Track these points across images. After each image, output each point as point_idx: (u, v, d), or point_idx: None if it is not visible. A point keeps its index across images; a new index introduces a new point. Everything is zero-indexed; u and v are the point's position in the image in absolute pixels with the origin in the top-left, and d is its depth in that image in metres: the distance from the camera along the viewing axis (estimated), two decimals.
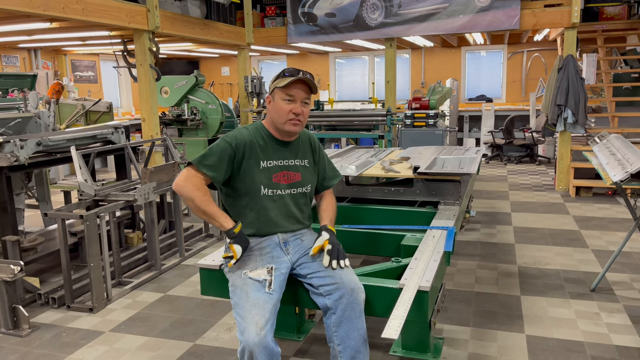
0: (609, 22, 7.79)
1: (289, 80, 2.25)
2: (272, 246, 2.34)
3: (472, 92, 11.55)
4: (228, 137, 2.31)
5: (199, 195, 2.21)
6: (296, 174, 2.40)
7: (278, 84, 2.28)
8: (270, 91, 2.34)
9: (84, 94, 9.91)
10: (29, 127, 4.66)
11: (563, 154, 7.16)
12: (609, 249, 4.62)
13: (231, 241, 2.23)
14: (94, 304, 3.57)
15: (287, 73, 2.28)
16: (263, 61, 12.96)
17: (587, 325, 3.21)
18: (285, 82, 2.25)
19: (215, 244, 5.07)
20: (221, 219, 2.24)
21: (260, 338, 2.02)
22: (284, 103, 2.28)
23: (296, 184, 2.40)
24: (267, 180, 2.32)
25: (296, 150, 2.42)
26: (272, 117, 2.34)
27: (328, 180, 2.58)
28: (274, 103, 2.31)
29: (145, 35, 6.10)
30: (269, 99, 2.35)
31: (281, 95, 2.28)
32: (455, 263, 4.32)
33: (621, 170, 3.42)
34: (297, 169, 2.41)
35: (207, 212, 2.23)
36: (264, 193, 2.32)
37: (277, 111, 2.30)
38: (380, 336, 1.97)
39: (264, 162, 2.32)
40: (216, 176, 2.26)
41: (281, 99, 2.28)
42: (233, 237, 2.22)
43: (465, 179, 3.60)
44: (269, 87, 2.37)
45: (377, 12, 7.70)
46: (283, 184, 2.36)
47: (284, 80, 2.26)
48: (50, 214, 3.71)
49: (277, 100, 2.30)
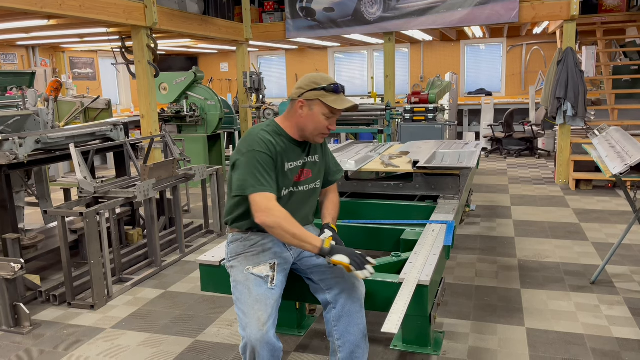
0: (608, 14, 7.77)
1: (345, 107, 2.21)
2: (275, 242, 2.33)
3: (472, 85, 11.53)
4: (258, 145, 2.18)
5: (283, 221, 2.10)
6: (309, 171, 2.38)
7: (326, 100, 2.20)
8: (308, 98, 2.22)
9: (83, 91, 9.89)
10: (28, 124, 4.65)
11: (563, 147, 7.16)
12: (608, 241, 4.62)
13: (329, 258, 2.11)
14: (95, 301, 3.57)
15: (335, 89, 2.21)
16: (262, 56, 12.93)
17: (587, 317, 3.21)
18: (339, 106, 2.21)
19: (216, 240, 5.08)
20: (310, 240, 2.11)
21: (263, 334, 2.02)
22: (323, 118, 2.23)
23: (309, 180, 2.39)
24: (288, 181, 2.30)
25: (308, 148, 2.39)
26: (303, 124, 2.26)
27: (332, 175, 2.57)
28: (312, 114, 2.23)
29: (143, 31, 6.08)
30: (301, 103, 2.23)
31: (324, 110, 2.22)
32: (455, 257, 4.33)
33: (621, 162, 3.42)
34: (310, 165, 2.39)
35: (297, 236, 2.10)
36: (284, 194, 2.29)
37: (314, 122, 2.23)
38: (381, 331, 1.97)
39: (287, 164, 2.28)
40: (277, 189, 2.21)
41: (322, 114, 2.22)
42: (328, 252, 2.10)
43: (464, 173, 3.60)
44: (301, 90, 2.24)
45: (375, 7, 7.68)
46: (299, 181, 2.35)
47: (335, 101, 2.21)
48: (50, 211, 3.72)
49: (316, 112, 2.22)
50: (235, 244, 2.34)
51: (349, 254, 2.09)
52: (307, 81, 2.25)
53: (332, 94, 2.21)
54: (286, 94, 12.55)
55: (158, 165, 4.33)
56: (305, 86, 2.24)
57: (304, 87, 2.24)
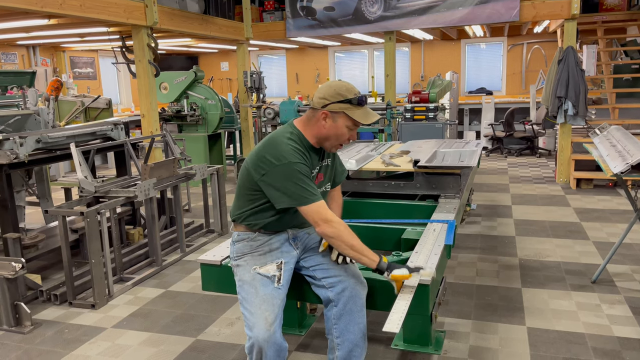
0: (609, 13, 7.76)
1: (370, 121, 2.21)
2: (282, 241, 2.32)
3: (472, 84, 11.52)
4: (294, 157, 2.14)
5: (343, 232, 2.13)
6: (322, 175, 2.38)
7: (352, 114, 2.18)
8: (333, 110, 2.18)
9: (83, 90, 9.88)
10: (29, 124, 4.65)
11: (563, 146, 7.15)
12: (609, 240, 4.62)
13: (388, 273, 2.14)
14: (96, 301, 3.57)
15: (360, 102, 2.19)
16: (262, 56, 12.92)
17: (588, 317, 3.21)
18: (365, 121, 2.19)
19: (217, 239, 5.08)
20: (368, 254, 2.14)
21: (270, 334, 2.02)
22: (346, 130, 2.21)
23: (322, 183, 2.38)
24: None
25: (322, 152, 2.36)
26: (326, 135, 2.22)
27: (339, 176, 2.55)
28: (335, 125, 2.19)
29: (144, 31, 6.08)
30: (325, 115, 2.18)
31: (348, 122, 2.19)
32: (456, 256, 4.33)
33: (622, 161, 3.42)
34: (323, 169, 2.38)
35: (355, 247, 2.13)
36: None
37: (336, 134, 2.21)
38: (382, 330, 1.97)
39: (311, 171, 2.26)
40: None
41: (346, 126, 2.20)
42: (387, 268, 2.14)
43: (465, 172, 3.60)
44: (325, 101, 2.18)
45: (376, 6, 7.67)
46: (315, 184, 2.33)
47: (362, 115, 2.19)
48: (51, 211, 3.72)
49: (340, 125, 2.19)
50: (241, 243, 2.32)
51: (407, 267, 2.18)
52: (332, 92, 2.17)
53: (358, 107, 2.19)
54: (286, 93, 12.55)
55: (159, 165, 4.33)
56: (330, 97, 2.17)
57: (328, 98, 2.17)
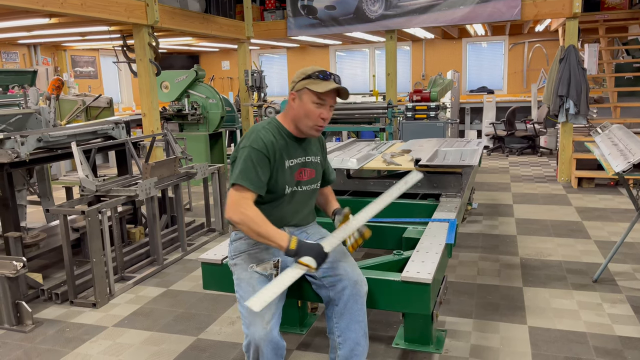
0: (611, 11, 7.74)
1: (327, 88, 2.16)
2: None
3: (474, 83, 11.51)
4: (256, 143, 2.18)
5: (249, 218, 2.10)
6: (312, 171, 2.39)
7: (311, 86, 2.18)
8: (297, 89, 2.22)
9: (84, 89, 9.89)
10: (30, 123, 4.65)
11: (565, 145, 7.14)
12: (611, 239, 4.61)
13: (296, 259, 2.06)
14: (97, 299, 3.58)
15: (322, 75, 2.19)
16: (263, 55, 12.92)
17: (589, 316, 3.21)
18: (323, 88, 2.16)
19: (217, 238, 5.08)
20: (276, 239, 2.08)
21: (267, 332, 2.02)
22: (313, 106, 2.20)
23: (312, 180, 2.39)
24: (290, 178, 2.30)
25: (309, 147, 2.39)
26: (296, 116, 2.25)
27: (329, 175, 2.58)
28: (302, 103, 2.21)
29: (145, 30, 6.08)
30: (293, 95, 2.24)
31: (312, 97, 2.19)
32: (457, 255, 4.32)
33: (623, 160, 3.41)
34: (312, 165, 2.39)
35: (261, 234, 2.08)
36: (287, 192, 2.30)
37: (305, 112, 2.21)
38: (244, 303, 1.99)
39: (287, 161, 2.27)
40: (262, 189, 2.19)
41: (311, 102, 2.19)
42: (295, 253, 2.06)
43: (466, 171, 3.59)
44: (293, 83, 2.24)
45: (377, 4, 7.66)
46: (302, 180, 2.35)
47: (319, 84, 2.17)
48: (52, 210, 3.72)
49: (305, 101, 2.20)
50: (238, 242, 2.35)
51: (316, 255, 2.06)
52: (298, 74, 2.26)
53: (319, 81, 2.19)
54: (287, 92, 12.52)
55: (160, 164, 4.33)
56: (296, 79, 2.25)
57: (295, 80, 2.26)
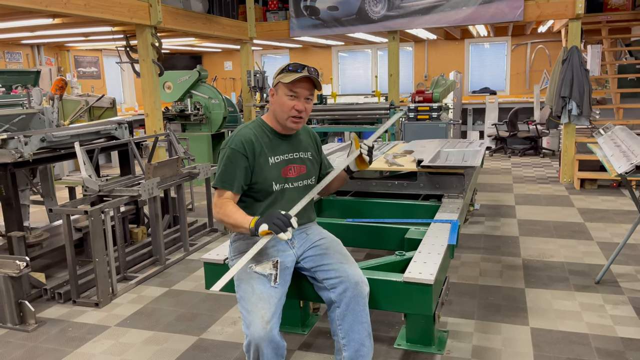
0: (614, 12, 7.73)
1: (294, 78, 2.21)
2: (278, 240, 2.33)
3: (476, 84, 11.50)
4: (234, 143, 2.25)
5: (223, 214, 2.18)
6: (302, 167, 2.40)
7: (282, 79, 2.24)
8: (274, 84, 2.30)
9: (87, 89, 9.92)
10: (33, 123, 4.67)
11: (567, 146, 7.13)
12: (613, 241, 4.60)
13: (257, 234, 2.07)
14: (100, 299, 3.59)
15: (292, 67, 2.24)
16: (266, 55, 12.92)
17: (591, 317, 3.20)
18: (290, 78, 2.21)
19: (220, 239, 5.08)
20: (243, 223, 2.12)
21: (267, 332, 2.02)
22: (287, 99, 2.25)
23: (303, 176, 2.41)
24: (277, 175, 2.32)
25: (298, 143, 2.42)
26: (275, 110, 2.32)
27: (325, 169, 2.59)
28: (277, 97, 2.28)
29: (148, 30, 6.09)
30: (272, 91, 2.31)
31: (285, 90, 2.25)
32: (459, 256, 4.32)
33: (626, 162, 3.41)
34: (302, 161, 2.41)
35: (233, 224, 2.16)
36: (276, 189, 2.32)
37: (280, 106, 2.27)
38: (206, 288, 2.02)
39: (272, 158, 2.31)
40: (241, 188, 2.26)
41: (285, 94, 2.25)
42: (255, 231, 2.08)
43: (469, 172, 3.59)
44: (272, 80, 2.34)
45: (379, 5, 7.66)
46: (291, 177, 2.36)
47: (289, 76, 2.23)
48: (55, 209, 3.73)
49: (280, 95, 2.27)
50: (238, 242, 2.37)
51: (269, 219, 2.05)
52: (276, 72, 2.32)
53: (290, 73, 2.24)
54: None
55: (162, 164, 4.34)
56: (274, 77, 2.32)
57: (274, 77, 2.32)
